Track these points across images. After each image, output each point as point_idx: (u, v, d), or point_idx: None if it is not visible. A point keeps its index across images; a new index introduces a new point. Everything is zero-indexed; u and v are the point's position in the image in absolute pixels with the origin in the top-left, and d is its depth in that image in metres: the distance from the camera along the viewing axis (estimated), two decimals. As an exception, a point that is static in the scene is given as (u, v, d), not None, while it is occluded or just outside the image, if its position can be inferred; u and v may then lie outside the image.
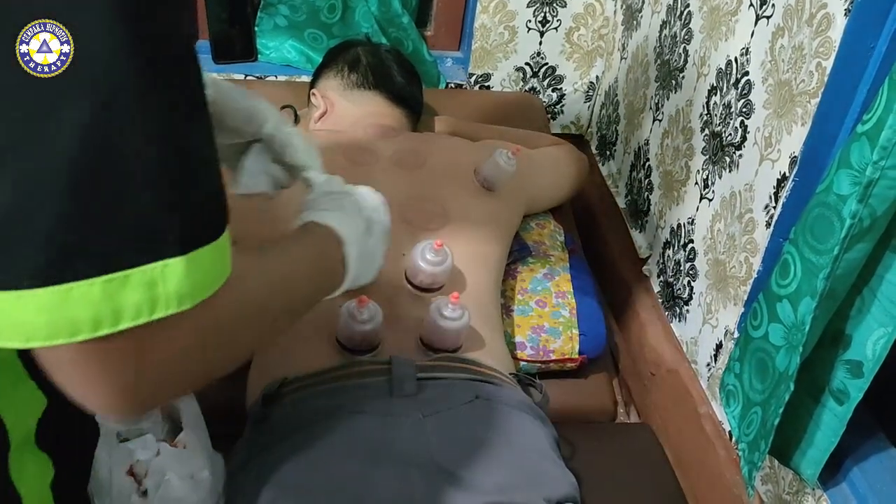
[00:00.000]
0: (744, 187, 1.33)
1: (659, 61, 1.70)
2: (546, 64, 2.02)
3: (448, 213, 1.35)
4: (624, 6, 1.91)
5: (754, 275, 1.29)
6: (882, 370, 1.00)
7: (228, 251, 0.50)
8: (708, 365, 1.46)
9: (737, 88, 1.36)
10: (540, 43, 1.98)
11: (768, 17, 1.27)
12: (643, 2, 1.78)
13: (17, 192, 0.42)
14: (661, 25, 1.70)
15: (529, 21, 1.94)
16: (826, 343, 1.05)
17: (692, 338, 1.52)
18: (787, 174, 1.21)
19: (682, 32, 1.58)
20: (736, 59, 1.37)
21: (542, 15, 1.94)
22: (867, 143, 0.89)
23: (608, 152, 2.01)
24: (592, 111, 2.12)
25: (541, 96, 2.07)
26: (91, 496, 0.81)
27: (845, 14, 1.07)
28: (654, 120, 1.72)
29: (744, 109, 1.34)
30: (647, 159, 1.74)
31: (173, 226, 0.45)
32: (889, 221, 0.94)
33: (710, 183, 1.45)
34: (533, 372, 1.44)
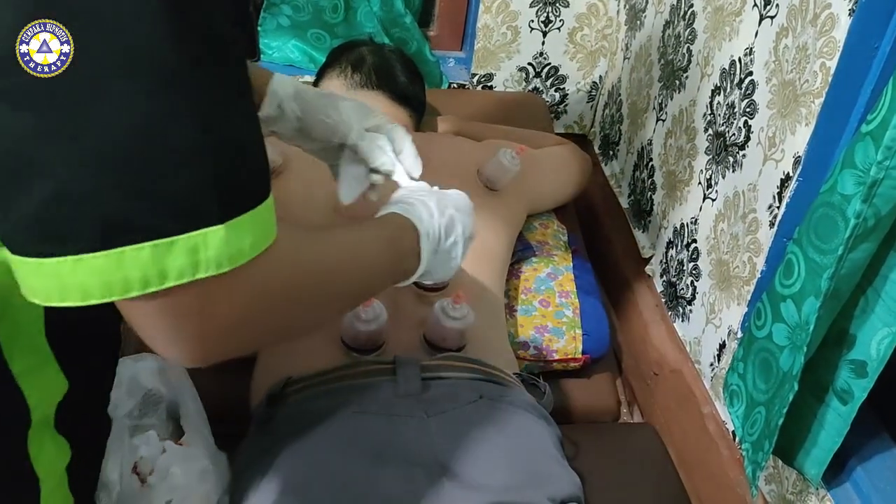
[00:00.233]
0: (747, 187, 1.33)
1: (662, 61, 1.70)
2: (549, 64, 2.02)
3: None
4: (627, 6, 1.91)
5: (758, 275, 1.29)
6: (886, 370, 1.00)
7: (270, 218, 0.54)
8: (711, 365, 1.46)
9: (740, 88, 1.36)
10: (543, 43, 1.98)
11: (772, 17, 1.27)
12: (646, 2, 1.78)
13: (72, 172, 0.47)
14: (664, 25, 1.69)
15: (532, 21, 1.94)
16: (830, 343, 1.05)
17: (695, 338, 1.52)
18: (791, 174, 1.21)
19: (686, 32, 1.58)
20: (740, 59, 1.37)
21: (545, 15, 1.94)
22: (871, 142, 0.89)
23: (611, 152, 2.01)
24: (595, 111, 2.12)
25: (544, 96, 2.07)
26: (98, 488, 0.82)
27: (849, 14, 1.07)
28: (657, 120, 1.72)
29: (747, 109, 1.34)
30: (651, 159, 1.74)
31: (213, 197, 0.50)
32: (893, 221, 0.94)
33: (713, 183, 1.45)
34: (536, 371, 1.44)
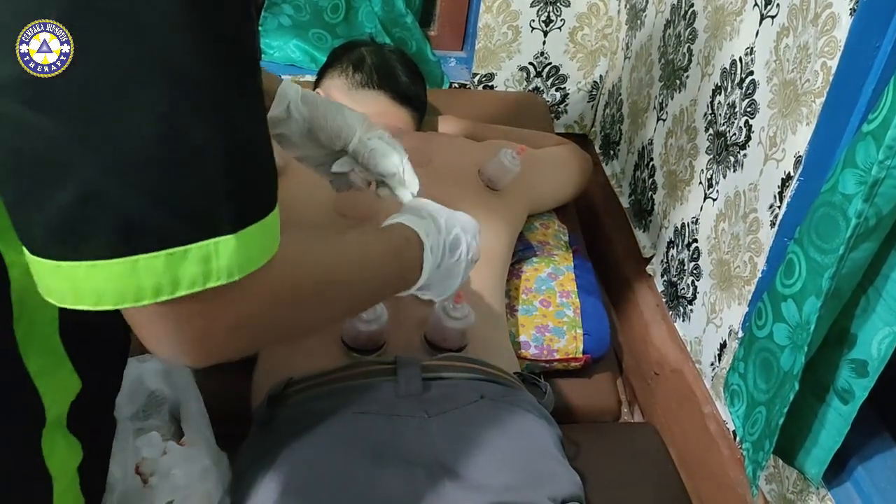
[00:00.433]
0: (748, 187, 1.33)
1: (663, 61, 1.70)
2: (550, 63, 2.02)
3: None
4: (628, 6, 1.91)
5: (759, 274, 1.29)
6: (887, 369, 1.00)
7: (277, 227, 0.54)
8: (712, 364, 1.46)
9: (741, 88, 1.36)
10: (543, 42, 1.98)
11: (773, 17, 1.27)
12: (647, 1, 1.78)
13: (89, 178, 0.47)
14: (665, 25, 1.69)
15: (533, 21, 1.94)
16: (831, 342, 1.05)
17: (696, 337, 1.52)
18: (792, 174, 1.21)
19: (687, 32, 1.58)
20: (740, 59, 1.37)
21: (546, 14, 1.94)
22: (873, 142, 0.89)
23: (612, 152, 2.01)
24: (596, 111, 2.12)
25: (544, 96, 2.07)
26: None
27: (850, 13, 1.06)
28: (657, 119, 1.72)
29: (748, 109, 1.34)
30: (651, 159, 1.74)
31: (227, 207, 0.50)
32: (894, 221, 0.94)
33: (714, 182, 1.45)
34: (537, 371, 1.44)
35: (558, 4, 1.93)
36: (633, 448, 1.40)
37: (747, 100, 1.34)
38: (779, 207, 1.24)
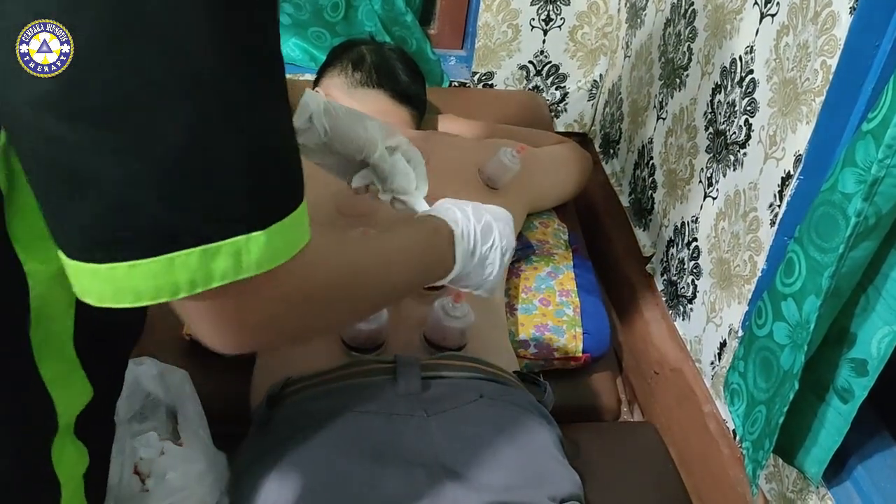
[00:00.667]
0: (748, 186, 1.33)
1: (663, 59, 1.70)
2: (549, 62, 2.02)
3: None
4: (628, 4, 1.91)
5: (758, 273, 1.29)
6: (887, 368, 1.00)
7: (305, 221, 0.56)
8: (712, 363, 1.46)
9: (741, 87, 1.36)
10: (543, 41, 1.98)
11: (773, 16, 1.27)
12: (647, 0, 1.78)
13: (123, 183, 0.48)
14: (665, 23, 1.69)
15: (533, 19, 1.94)
16: (831, 341, 1.05)
17: (696, 336, 1.52)
18: (792, 172, 1.20)
19: (687, 31, 1.58)
20: (740, 58, 1.37)
21: (546, 13, 1.93)
22: (872, 141, 0.89)
23: (612, 151, 2.01)
24: (596, 109, 2.11)
25: (544, 95, 2.06)
26: None
27: (850, 12, 1.06)
28: (657, 118, 1.72)
29: (748, 108, 1.33)
30: (651, 158, 1.74)
31: (256, 204, 0.52)
32: (894, 220, 0.94)
33: (714, 181, 1.45)
34: (537, 370, 1.44)
35: (558, 3, 1.92)
36: (632, 447, 1.39)
37: (747, 98, 1.34)
38: (779, 206, 1.24)
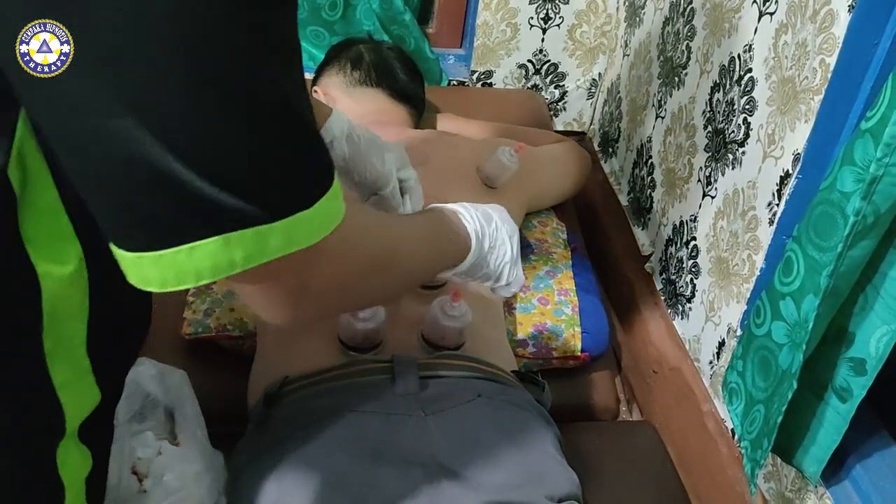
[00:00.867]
0: (747, 184, 1.33)
1: (662, 58, 1.70)
2: (548, 61, 2.02)
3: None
4: (626, 3, 1.90)
5: (757, 272, 1.29)
6: (885, 368, 1.00)
7: (340, 195, 0.59)
8: (710, 363, 1.46)
9: (740, 85, 1.36)
10: (542, 40, 1.98)
11: (771, 14, 1.27)
12: (646, -2, 1.78)
13: (181, 173, 0.50)
14: (663, 22, 1.69)
15: (532, 18, 1.94)
16: (829, 340, 1.04)
17: (695, 335, 1.52)
18: (791, 171, 1.20)
19: (685, 29, 1.58)
20: (739, 56, 1.36)
21: (545, 12, 1.93)
22: (871, 139, 0.89)
23: (611, 149, 2.00)
24: (595, 108, 2.11)
25: (543, 93, 2.06)
26: None
27: (849, 10, 1.06)
28: (656, 117, 1.71)
29: (747, 106, 1.33)
30: (650, 156, 1.74)
31: (302, 186, 0.56)
32: (893, 219, 0.94)
33: (712, 180, 1.45)
34: (535, 369, 1.43)
35: (557, 2, 1.92)
36: (631, 446, 1.39)
37: (746, 97, 1.34)
38: (777, 205, 1.24)
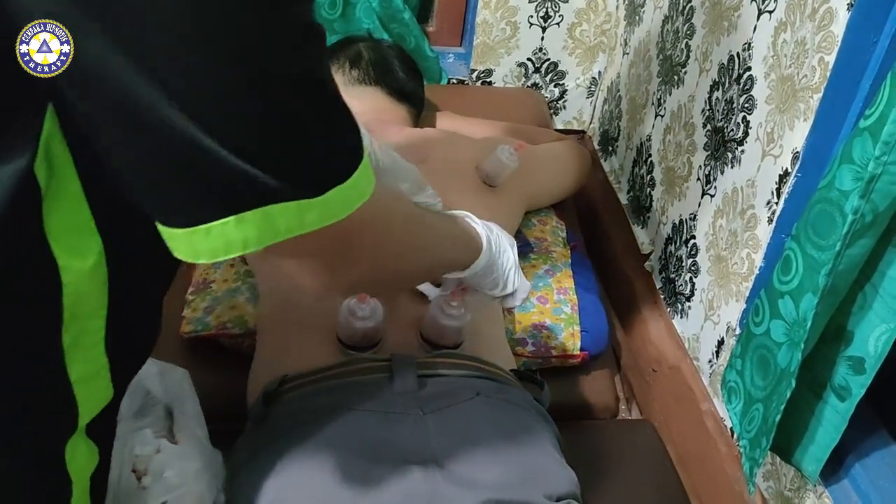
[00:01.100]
0: (746, 183, 1.33)
1: (661, 57, 1.69)
2: (548, 59, 2.01)
3: (450, 208, 1.34)
4: (626, 1, 1.90)
5: (756, 271, 1.29)
6: (884, 366, 1.00)
7: (370, 168, 0.63)
8: (710, 361, 1.46)
9: (739, 84, 1.36)
10: (542, 38, 1.98)
11: (770, 12, 1.27)
12: (645, -3, 1.78)
13: (236, 153, 0.53)
14: (663, 20, 1.69)
15: (531, 16, 1.94)
16: (828, 339, 1.04)
17: (694, 334, 1.52)
18: (790, 170, 1.20)
19: (685, 28, 1.58)
20: (738, 55, 1.36)
21: (544, 10, 1.93)
22: (869, 138, 0.89)
23: (610, 148, 2.00)
24: (594, 107, 2.11)
25: (543, 92, 2.06)
26: None
27: (848, 8, 1.06)
28: (656, 115, 1.71)
29: (746, 105, 1.33)
30: (649, 155, 1.74)
31: (338, 163, 0.60)
32: (891, 217, 0.94)
33: (711, 179, 1.45)
34: (534, 368, 1.43)
35: (556, 0, 1.92)
36: (630, 445, 1.39)
37: (745, 96, 1.34)
38: (776, 204, 1.23)
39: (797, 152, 1.18)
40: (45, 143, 0.55)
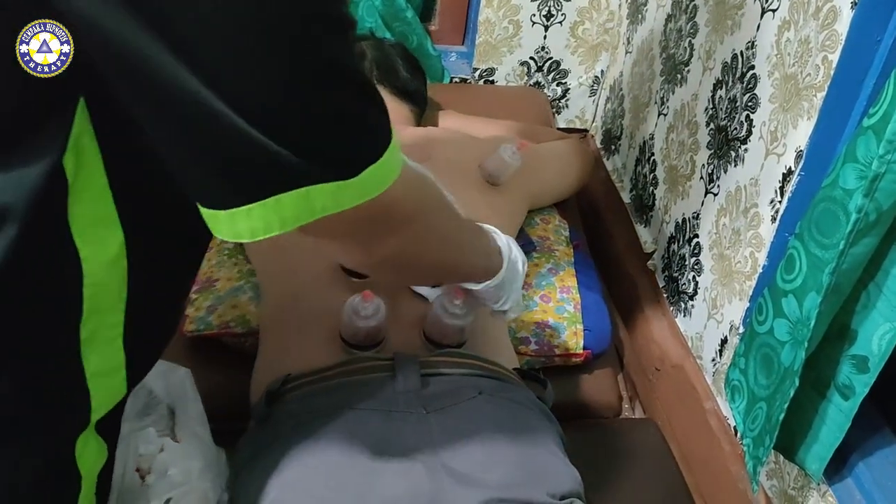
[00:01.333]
0: (749, 182, 1.33)
1: (664, 55, 1.69)
2: (551, 58, 2.01)
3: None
4: (629, 0, 1.90)
5: (759, 270, 1.29)
6: (888, 365, 1.00)
7: (399, 149, 0.65)
8: (713, 360, 1.46)
9: (742, 82, 1.36)
10: (544, 37, 1.98)
11: (774, 11, 1.26)
12: (648, -5, 1.78)
13: (277, 140, 0.56)
14: (666, 19, 1.69)
15: (534, 15, 1.94)
16: (831, 338, 1.04)
17: (697, 333, 1.51)
18: (793, 168, 1.20)
19: (688, 26, 1.58)
20: (741, 53, 1.36)
21: (547, 9, 1.93)
22: (873, 136, 0.89)
23: (613, 147, 2.00)
24: (597, 105, 2.11)
25: (545, 91, 2.06)
26: None
27: (851, 7, 1.06)
28: (659, 114, 1.71)
29: (749, 103, 1.33)
30: (652, 154, 1.74)
31: (370, 145, 0.62)
32: (895, 216, 0.94)
33: (715, 177, 1.45)
34: (537, 367, 1.43)
35: (559, -1, 1.92)
36: (633, 444, 1.39)
37: (748, 94, 1.33)
38: (779, 202, 1.23)
39: (801, 151, 1.18)
40: (76, 138, 0.56)
